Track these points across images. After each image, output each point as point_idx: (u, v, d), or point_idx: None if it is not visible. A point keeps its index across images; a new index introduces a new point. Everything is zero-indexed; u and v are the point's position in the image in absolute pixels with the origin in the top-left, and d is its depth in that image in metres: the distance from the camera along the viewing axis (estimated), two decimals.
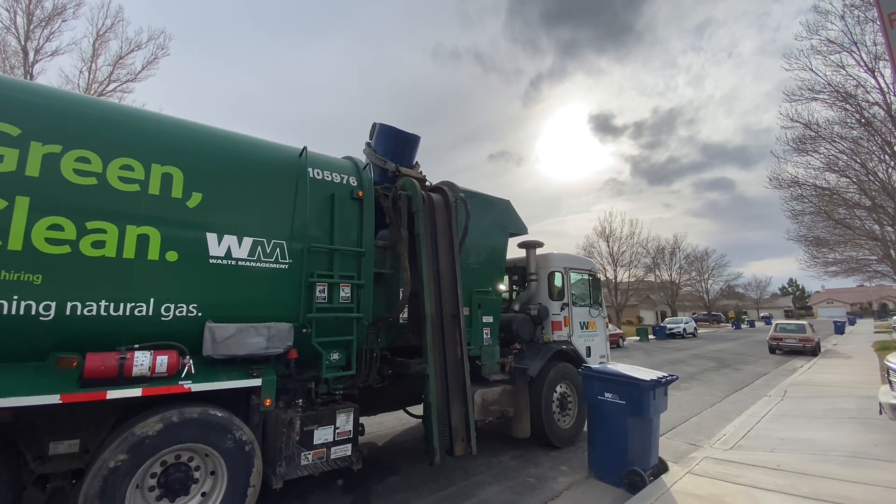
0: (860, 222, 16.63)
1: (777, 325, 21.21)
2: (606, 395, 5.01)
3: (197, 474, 3.54)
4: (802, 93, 14.66)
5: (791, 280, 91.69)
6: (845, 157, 14.64)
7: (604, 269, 40.51)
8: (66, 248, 3.21)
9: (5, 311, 2.99)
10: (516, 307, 7.36)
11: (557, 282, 7.42)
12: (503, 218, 6.66)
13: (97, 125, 3.58)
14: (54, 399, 2.91)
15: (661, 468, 4.93)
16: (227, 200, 3.99)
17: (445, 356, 5.17)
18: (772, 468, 4.83)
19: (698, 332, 36.88)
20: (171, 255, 3.62)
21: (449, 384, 5.06)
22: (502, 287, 6.87)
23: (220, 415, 3.57)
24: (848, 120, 14.07)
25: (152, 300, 3.51)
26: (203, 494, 3.52)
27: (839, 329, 33.21)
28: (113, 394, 3.12)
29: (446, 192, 5.86)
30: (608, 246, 41.78)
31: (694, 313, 55.68)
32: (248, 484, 3.60)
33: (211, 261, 3.79)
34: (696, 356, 18.90)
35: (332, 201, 4.62)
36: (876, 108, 13.59)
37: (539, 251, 7.63)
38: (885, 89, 13.24)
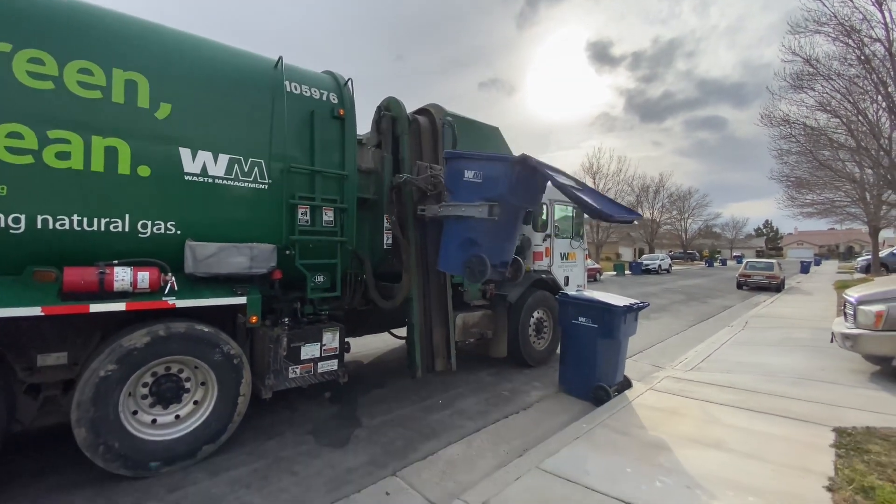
0: (842, 164, 16.88)
1: (747, 262, 22.18)
2: (581, 319, 5.28)
3: (188, 384, 3.72)
4: (807, 24, 14.16)
5: (767, 222, 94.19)
6: (839, 97, 14.50)
7: None
8: (29, 159, 3.08)
9: None
10: None
11: (542, 214, 7.42)
12: (491, 146, 6.48)
13: (49, 23, 3.26)
14: (35, 311, 2.94)
15: (626, 385, 5.35)
16: (198, 113, 3.78)
17: (429, 281, 5.31)
18: (725, 386, 5.28)
19: (672, 268, 38.34)
20: (144, 170, 3.49)
21: (431, 307, 5.26)
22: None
23: (206, 329, 3.67)
24: (848, 56, 13.74)
25: (128, 216, 3.44)
26: (195, 402, 3.73)
27: (804, 269, 34.86)
28: (96, 307, 3.16)
29: (433, 114, 5.61)
30: (594, 183, 41.73)
31: (671, 251, 57.49)
32: (237, 393, 3.80)
33: (186, 177, 3.68)
34: (667, 290, 19.79)
35: (311, 119, 4.41)
36: (877, 45, 13.24)
37: None
38: (890, 25, 12.83)
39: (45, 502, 3.04)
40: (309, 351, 4.31)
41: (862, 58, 13.42)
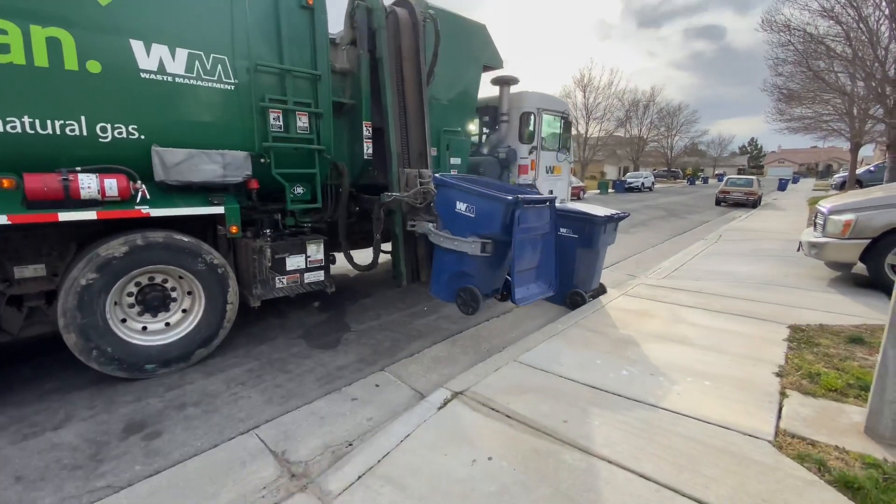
0: (835, 77, 16.49)
1: (728, 179, 22.45)
2: (561, 230, 5.36)
3: (174, 294, 3.78)
4: None
5: (752, 140, 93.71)
6: (843, 1, 13.76)
7: (576, 122, 39.77)
8: None
9: None
10: (485, 150, 7.25)
11: (529, 124, 7.20)
12: (477, 46, 6.02)
13: None
14: (1, 220, 2.85)
15: (601, 291, 5.61)
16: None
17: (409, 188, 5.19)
18: (694, 291, 5.59)
19: (655, 186, 38.63)
20: (94, 66, 3.20)
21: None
22: (473, 127, 6.58)
23: (186, 240, 3.64)
24: None
25: (83, 118, 3.21)
26: (184, 311, 3.82)
27: (782, 186, 35.53)
28: (65, 216, 3.07)
29: (413, 6, 5.09)
30: (584, 96, 40.28)
31: (655, 169, 57.48)
32: (225, 301, 3.88)
33: (143, 75, 3.39)
34: (648, 207, 20.11)
35: (276, 10, 4.00)
36: None
37: (513, 89, 7.18)
38: None
39: (43, 405, 3.16)
40: (294, 262, 4.35)
41: None
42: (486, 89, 6.90)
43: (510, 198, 3.43)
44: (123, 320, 3.55)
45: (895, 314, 2.40)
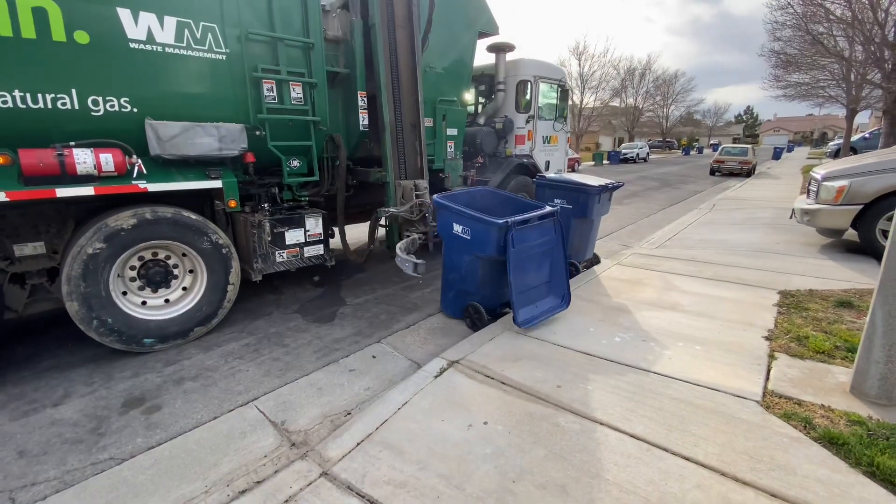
0: (833, 41, 16.22)
1: (723, 148, 22.37)
2: (556, 200, 5.33)
3: (176, 271, 3.81)
4: None
5: (748, 108, 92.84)
6: None
7: (572, 91, 39.13)
8: None
9: None
10: (481, 120, 7.13)
11: (526, 93, 7.05)
12: (472, 11, 5.84)
13: None
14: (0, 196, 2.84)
15: (595, 261, 5.64)
16: None
17: (406, 165, 5.11)
18: (687, 260, 5.63)
19: (650, 157, 38.39)
20: (81, 37, 3.10)
21: (404, 190, 5.17)
22: (469, 97, 6.42)
23: (194, 217, 3.67)
24: None
25: (74, 91, 3.14)
26: (184, 289, 3.84)
27: (777, 155, 35.41)
28: (63, 192, 3.05)
29: None
30: (580, 65, 39.46)
31: (650, 139, 56.98)
32: (227, 282, 3.90)
33: (132, 45, 3.29)
34: (642, 178, 20.05)
35: None
36: None
37: (509, 56, 7.00)
38: None
39: (41, 383, 3.18)
40: (294, 236, 4.36)
41: None
42: (482, 57, 6.74)
43: (500, 221, 3.39)
44: (124, 293, 3.57)
45: (885, 275, 2.43)
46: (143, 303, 3.65)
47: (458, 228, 3.81)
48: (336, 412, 2.75)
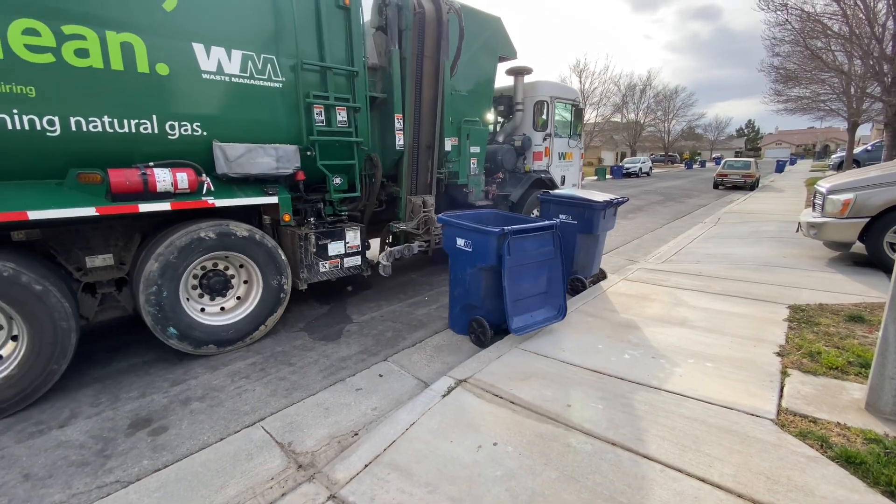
0: (832, 56, 16.34)
1: (726, 162, 22.40)
2: (561, 216, 5.35)
3: (233, 281, 4.09)
4: None
5: (749, 122, 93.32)
6: None
7: (584, 111, 39.52)
8: (50, 57, 3.01)
9: (9, 126, 2.94)
10: (500, 138, 7.46)
11: (543, 112, 7.42)
12: (494, 39, 6.25)
13: None
14: (90, 211, 3.15)
15: (601, 277, 5.62)
16: (205, 5, 3.63)
17: (417, 182, 5.43)
18: (693, 274, 5.60)
19: (653, 171, 38.53)
20: (162, 68, 3.44)
21: (413, 206, 5.37)
22: (490, 117, 6.82)
23: (257, 232, 3.98)
24: None
25: (155, 117, 3.47)
26: (238, 298, 4.12)
27: (780, 168, 35.44)
28: (144, 207, 3.36)
29: (440, 2, 5.29)
30: (581, 82, 39.92)
31: (652, 154, 57.27)
32: (280, 290, 4.17)
33: (204, 75, 3.64)
34: (646, 192, 20.08)
35: (317, 9, 4.22)
36: None
37: (527, 78, 7.43)
38: None
39: (47, 404, 3.18)
40: (335, 248, 4.63)
41: None
42: (501, 79, 7.09)
43: (497, 230, 3.49)
44: (187, 299, 3.78)
45: None
46: (202, 309, 3.89)
47: (460, 242, 3.89)
48: (343, 433, 2.72)
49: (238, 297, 4.10)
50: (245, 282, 4.11)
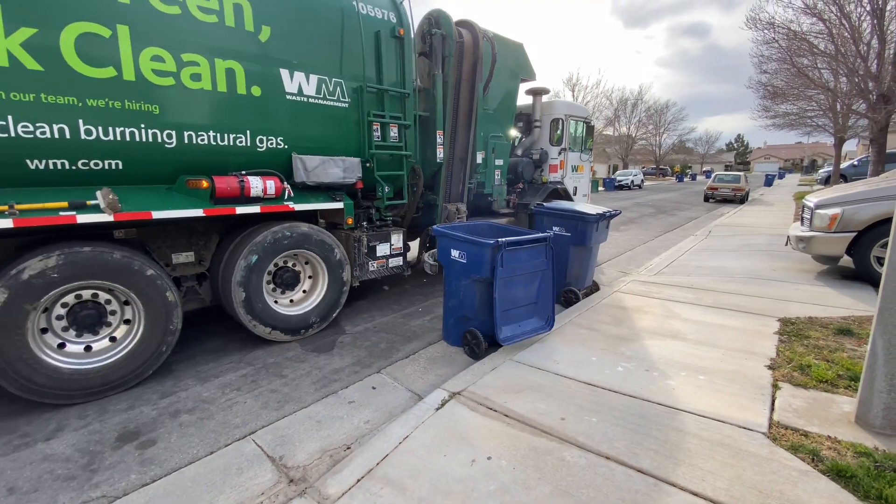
0: (818, 73, 16.74)
1: (716, 175, 22.74)
2: (555, 228, 5.39)
3: (301, 276, 4.56)
4: None
5: (738, 136, 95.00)
6: None
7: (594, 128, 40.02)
8: (171, 80, 3.49)
9: (139, 139, 3.42)
10: (519, 152, 7.96)
11: (558, 128, 8.01)
12: (517, 63, 6.78)
13: None
14: (199, 213, 3.61)
15: (594, 289, 5.65)
16: (291, 35, 4.14)
17: (451, 191, 6.08)
18: (685, 286, 5.65)
19: (645, 184, 38.98)
20: (256, 90, 3.95)
21: (448, 213, 6.02)
22: (513, 132, 7.36)
23: (327, 233, 4.51)
24: None
25: (248, 132, 3.97)
26: (304, 291, 4.57)
27: (769, 182, 36.05)
28: (240, 209, 3.83)
29: (475, 29, 5.90)
30: (573, 96, 40.48)
31: (644, 167, 57.97)
32: (342, 283, 4.63)
33: (287, 97, 4.15)
34: (638, 204, 20.29)
35: (377, 40, 4.77)
36: None
37: (544, 98, 8.00)
38: None
39: (33, 416, 3.11)
40: (382, 249, 5.15)
41: None
42: (520, 98, 7.64)
43: (491, 241, 3.55)
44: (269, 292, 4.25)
45: (883, 305, 2.45)
46: (275, 301, 4.32)
47: (455, 254, 3.92)
48: (335, 446, 2.69)
49: (304, 291, 4.56)
50: (310, 277, 4.59)
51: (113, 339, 3.41)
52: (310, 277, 4.57)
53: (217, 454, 2.63)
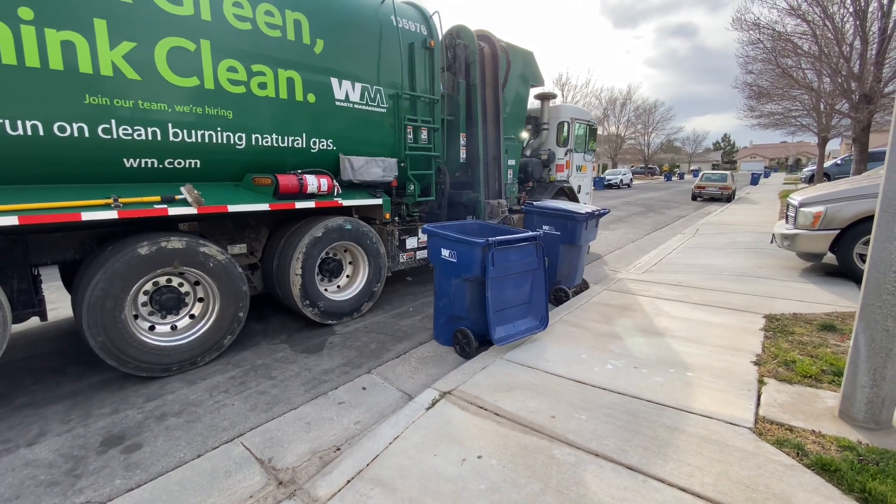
0: (802, 73, 17.03)
1: (703, 174, 23.03)
2: (545, 227, 5.41)
3: (344, 264, 5.01)
4: None
5: (725, 135, 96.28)
6: None
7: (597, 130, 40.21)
8: (242, 89, 3.91)
9: (215, 140, 3.82)
10: (528, 152, 8.34)
11: (564, 131, 8.43)
12: (527, 69, 7.21)
13: None
14: (265, 207, 4.00)
15: (584, 287, 5.68)
16: (340, 47, 4.57)
17: (489, 188, 6.48)
18: (673, 284, 5.71)
19: (633, 183, 39.33)
20: (311, 97, 4.39)
21: (492, 208, 6.52)
22: (524, 135, 7.75)
23: (367, 226, 4.93)
24: None
25: (304, 134, 4.41)
26: (347, 276, 5.05)
27: (754, 181, 36.55)
28: (299, 204, 4.24)
29: (492, 41, 6.41)
30: (563, 96, 40.70)
31: (632, 166, 58.48)
32: (380, 266, 5.06)
33: (336, 103, 4.59)
34: (627, 203, 20.47)
35: (411, 51, 5.23)
36: None
37: (551, 103, 8.39)
38: None
39: (15, 421, 3.05)
40: (411, 242, 5.63)
41: None
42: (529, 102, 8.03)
43: (482, 241, 3.54)
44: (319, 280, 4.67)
45: (865, 301, 2.50)
46: (325, 290, 4.73)
47: (445, 253, 3.90)
48: (325, 448, 2.67)
49: (347, 276, 5.03)
50: (350, 263, 5.03)
51: (192, 317, 3.86)
52: (350, 263, 5.03)
53: (204, 457, 2.59)
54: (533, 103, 8.17)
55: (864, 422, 2.55)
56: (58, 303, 5.23)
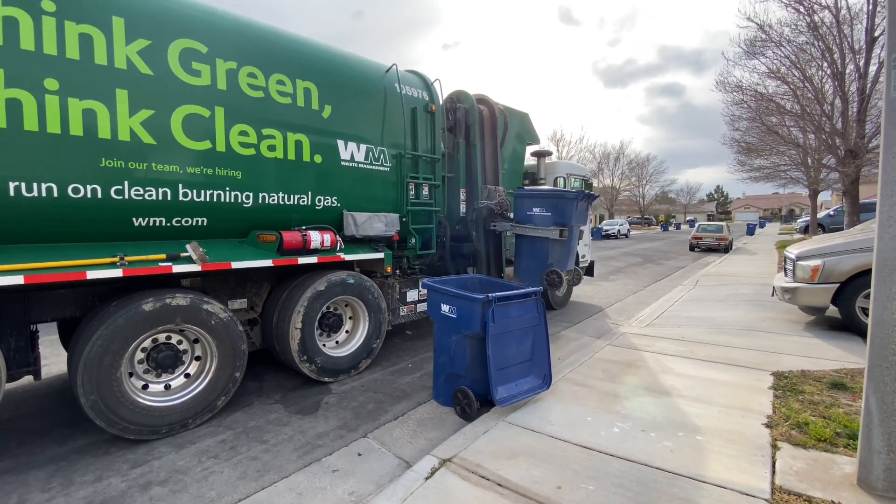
0: (787, 130, 17.70)
1: (700, 226, 23.38)
2: (535, 209, 5.82)
3: (344, 318, 4.99)
4: None
5: (718, 187, 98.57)
6: (788, 63, 15.06)
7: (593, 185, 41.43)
8: (252, 151, 4.06)
9: (223, 199, 3.92)
10: None
11: (561, 186, 8.70)
12: (523, 129, 7.72)
13: (256, 44, 4.18)
14: (268, 263, 4.05)
15: (576, 275, 6.18)
16: (347, 112, 4.82)
17: (489, 242, 6.69)
18: (677, 339, 5.62)
19: (631, 233, 39.80)
20: (318, 158, 4.57)
21: (490, 266, 6.78)
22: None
23: (368, 280, 5.01)
24: (798, 23, 14.15)
25: (310, 192, 4.55)
26: (347, 332, 5.01)
27: (750, 231, 37.03)
28: (301, 260, 4.31)
29: (490, 104, 6.87)
30: (558, 151, 42.19)
31: (629, 216, 59.48)
32: (380, 322, 5.07)
33: (342, 163, 4.79)
34: (625, 254, 20.60)
35: (413, 114, 5.55)
36: (826, 12, 13.72)
37: (547, 159, 8.79)
38: None
39: None
40: (412, 295, 5.71)
41: (811, 25, 13.88)
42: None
43: (482, 296, 3.53)
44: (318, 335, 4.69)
45: (872, 363, 2.45)
46: (324, 345, 4.68)
47: (445, 308, 3.87)
48: None
49: (347, 332, 4.99)
50: (350, 318, 5.02)
51: (188, 376, 3.77)
52: (350, 318, 5.02)
53: None
54: (530, 160, 8.54)
55: (884, 491, 2.42)
56: (50, 358, 5.12)
